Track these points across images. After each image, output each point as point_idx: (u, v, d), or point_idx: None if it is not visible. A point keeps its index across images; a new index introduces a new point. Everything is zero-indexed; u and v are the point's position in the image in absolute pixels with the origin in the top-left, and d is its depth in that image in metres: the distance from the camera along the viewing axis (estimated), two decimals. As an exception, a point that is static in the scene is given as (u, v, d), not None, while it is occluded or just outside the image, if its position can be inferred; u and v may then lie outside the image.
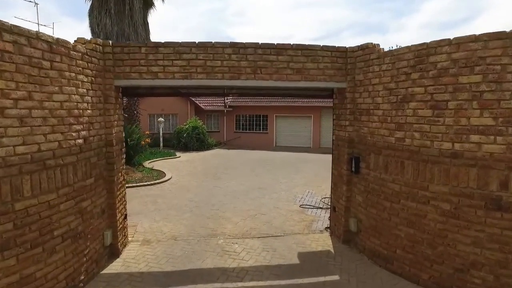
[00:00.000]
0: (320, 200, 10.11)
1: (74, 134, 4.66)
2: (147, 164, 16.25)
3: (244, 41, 5.74)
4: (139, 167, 15.35)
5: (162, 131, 21.47)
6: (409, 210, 4.95)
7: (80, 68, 4.81)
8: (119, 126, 6.10)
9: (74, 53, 4.66)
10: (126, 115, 19.41)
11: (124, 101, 7.29)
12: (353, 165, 5.96)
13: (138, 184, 11.97)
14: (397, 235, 5.16)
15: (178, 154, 20.55)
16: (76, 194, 4.76)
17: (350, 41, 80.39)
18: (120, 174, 6.20)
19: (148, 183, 12.17)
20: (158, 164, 16.76)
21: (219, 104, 26.74)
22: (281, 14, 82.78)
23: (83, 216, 4.92)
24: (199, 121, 24.00)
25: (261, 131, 26.65)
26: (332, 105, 6.77)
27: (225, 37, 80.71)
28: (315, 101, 24.53)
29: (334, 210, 6.82)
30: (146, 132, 17.06)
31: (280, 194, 10.89)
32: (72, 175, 4.65)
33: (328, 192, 10.85)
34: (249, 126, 26.99)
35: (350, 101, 6.09)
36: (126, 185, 11.84)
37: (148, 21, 17.55)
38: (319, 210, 9.08)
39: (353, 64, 5.95)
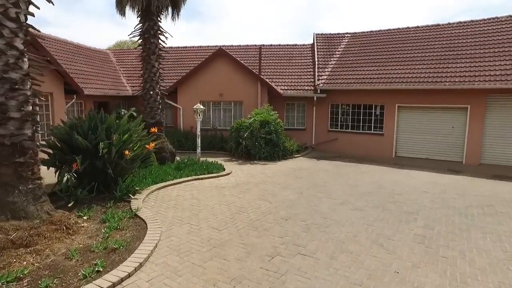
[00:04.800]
0: None
1: None
2: (144, 194, 7.96)
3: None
4: (119, 205, 7.14)
5: (201, 126, 12.72)
6: None
7: None
8: None
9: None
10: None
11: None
12: None
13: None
14: None
15: (228, 167, 11.93)
16: None
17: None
18: None
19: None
20: (171, 194, 8.36)
21: (305, 88, 17.38)
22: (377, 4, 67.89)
23: None
24: (272, 112, 15.10)
25: (372, 131, 16.50)
26: None
27: (318, 30, 70.38)
28: (479, 80, 13.44)
29: None
30: (153, 130, 8.87)
31: None
32: None
33: None
34: (351, 122, 17.07)
35: None
36: None
37: None
38: None
39: None
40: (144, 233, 5.74)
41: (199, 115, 11.41)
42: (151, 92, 10.88)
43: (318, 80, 17.26)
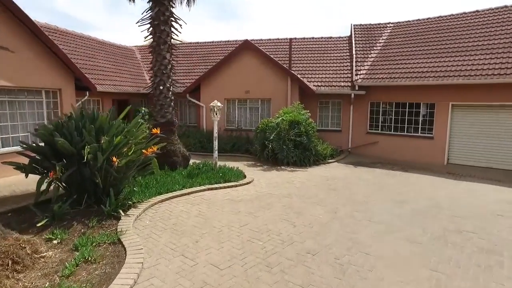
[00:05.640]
0: None
1: None
2: (141, 208, 6.56)
3: None
4: (104, 224, 5.77)
5: (225, 126, 11.31)
6: None
7: None
8: None
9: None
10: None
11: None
12: None
13: None
14: None
15: (250, 174, 10.35)
16: None
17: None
18: None
19: None
20: (174, 209, 6.89)
21: (341, 84, 15.42)
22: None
23: None
24: (303, 111, 13.35)
25: (419, 134, 14.22)
26: None
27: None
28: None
29: None
30: (155, 131, 7.46)
31: None
32: None
33: None
34: (394, 123, 14.89)
35: None
36: None
37: None
38: None
39: None
40: (120, 269, 4.29)
41: (216, 114, 9.89)
42: (161, 87, 9.49)
43: (356, 75, 15.24)
